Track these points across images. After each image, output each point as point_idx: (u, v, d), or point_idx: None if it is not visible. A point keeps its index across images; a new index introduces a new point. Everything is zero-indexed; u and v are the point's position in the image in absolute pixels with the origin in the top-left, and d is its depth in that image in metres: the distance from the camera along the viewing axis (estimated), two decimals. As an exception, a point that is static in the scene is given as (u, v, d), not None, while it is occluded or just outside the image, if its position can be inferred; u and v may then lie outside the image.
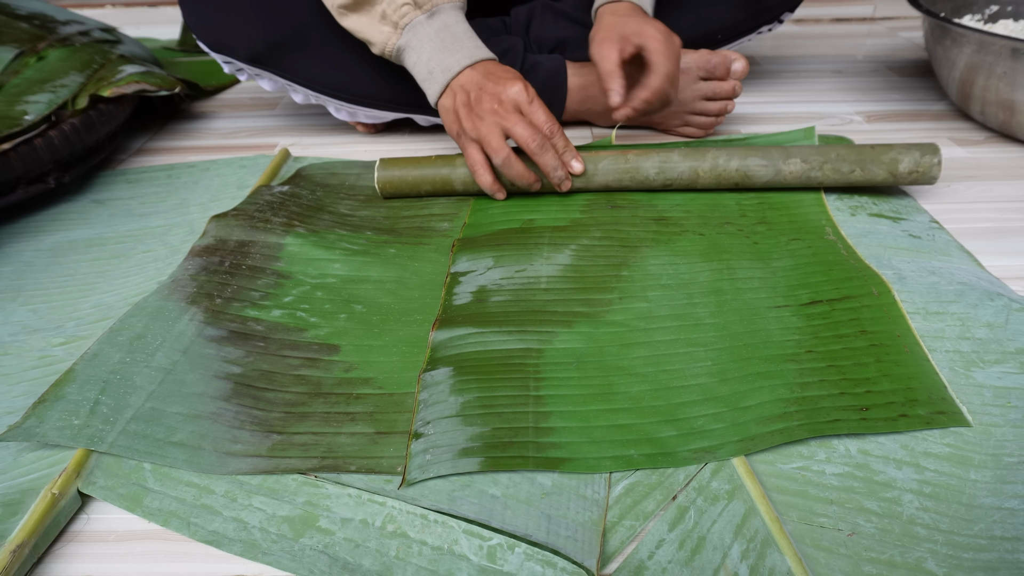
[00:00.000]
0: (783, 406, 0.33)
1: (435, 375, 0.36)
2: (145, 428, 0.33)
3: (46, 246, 0.50)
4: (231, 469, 0.32)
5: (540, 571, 0.27)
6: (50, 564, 0.29)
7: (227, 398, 0.35)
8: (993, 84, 0.59)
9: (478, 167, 0.49)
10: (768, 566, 0.28)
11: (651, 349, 0.37)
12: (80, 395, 0.34)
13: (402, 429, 0.34)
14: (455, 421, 0.33)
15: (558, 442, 0.32)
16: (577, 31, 0.64)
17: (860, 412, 0.33)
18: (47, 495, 0.30)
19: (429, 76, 0.50)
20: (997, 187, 0.55)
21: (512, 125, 0.47)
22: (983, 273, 0.44)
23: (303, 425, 0.34)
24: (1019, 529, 0.29)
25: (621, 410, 0.34)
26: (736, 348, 0.37)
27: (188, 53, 0.92)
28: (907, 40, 0.93)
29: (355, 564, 0.28)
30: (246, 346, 0.38)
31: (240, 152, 0.65)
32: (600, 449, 0.32)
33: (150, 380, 0.35)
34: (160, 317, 0.39)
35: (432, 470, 0.31)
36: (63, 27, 0.68)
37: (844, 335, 0.38)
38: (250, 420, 0.34)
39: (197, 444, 0.32)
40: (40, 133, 0.53)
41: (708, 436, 0.32)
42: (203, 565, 0.29)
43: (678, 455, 0.32)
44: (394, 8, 0.49)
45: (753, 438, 0.32)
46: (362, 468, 0.32)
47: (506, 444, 0.32)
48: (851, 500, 0.30)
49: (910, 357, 0.36)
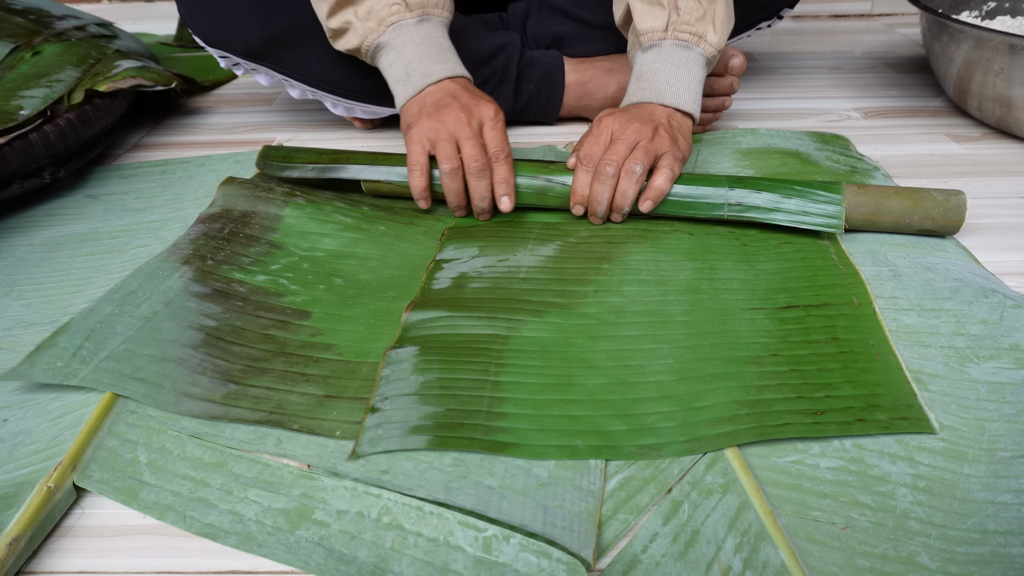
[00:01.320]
0: (735, 408, 0.33)
1: (401, 353, 0.36)
2: (115, 365, 0.35)
3: (40, 241, 0.50)
4: (184, 410, 0.34)
5: (536, 562, 0.27)
6: (44, 559, 0.29)
7: (196, 346, 0.37)
8: (990, 80, 0.59)
9: (416, 168, 0.46)
10: (762, 559, 0.28)
11: (616, 343, 0.37)
12: (68, 342, 0.36)
13: (350, 395, 0.35)
14: (412, 399, 0.34)
15: (507, 427, 0.32)
16: (574, 27, 0.64)
17: (814, 416, 0.33)
18: (42, 488, 0.30)
19: (406, 77, 0.48)
20: (993, 183, 0.55)
21: (464, 139, 0.45)
22: (978, 269, 0.44)
23: (260, 380, 0.36)
24: (1012, 523, 0.29)
25: (575, 401, 0.34)
26: (701, 347, 0.37)
27: (185, 48, 0.92)
28: (905, 36, 0.93)
29: (351, 556, 0.28)
30: (225, 303, 0.41)
31: (236, 148, 0.65)
32: (547, 437, 0.32)
33: (129, 327, 0.38)
34: (154, 276, 0.42)
35: (382, 444, 0.32)
36: (59, 22, 0.67)
37: (814, 341, 0.37)
38: (212, 368, 0.36)
39: (158, 383, 0.35)
40: (35, 128, 0.53)
41: (656, 433, 0.32)
42: (198, 559, 0.29)
43: (623, 449, 0.32)
44: (384, 5, 0.48)
45: (700, 439, 0.32)
46: (304, 428, 0.33)
47: (456, 425, 0.32)
48: (845, 494, 0.30)
49: (880, 365, 0.35)
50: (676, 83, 0.48)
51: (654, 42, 0.49)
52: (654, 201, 0.46)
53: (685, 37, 0.48)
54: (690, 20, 0.48)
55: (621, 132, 0.46)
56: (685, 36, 0.48)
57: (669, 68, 0.48)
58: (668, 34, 0.48)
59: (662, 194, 0.45)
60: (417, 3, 0.49)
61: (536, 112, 0.65)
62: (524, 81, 0.62)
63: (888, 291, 0.42)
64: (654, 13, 0.49)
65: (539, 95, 0.63)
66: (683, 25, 0.48)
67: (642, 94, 0.48)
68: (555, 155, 0.59)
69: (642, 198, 0.46)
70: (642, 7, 0.49)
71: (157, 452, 0.32)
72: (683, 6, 0.48)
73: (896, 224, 0.46)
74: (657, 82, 0.48)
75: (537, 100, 0.64)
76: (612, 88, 0.63)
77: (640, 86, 0.49)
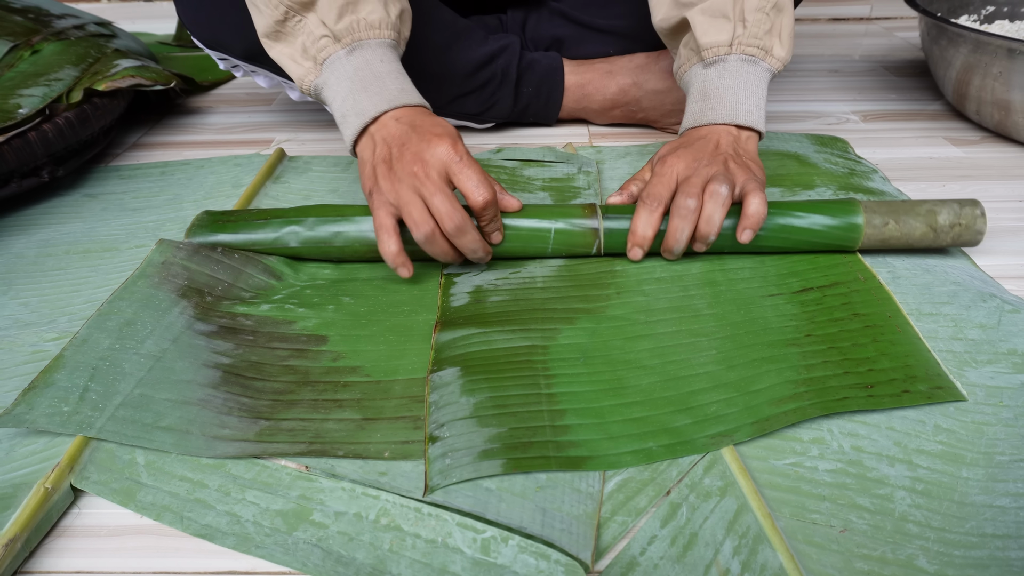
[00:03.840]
0: (792, 387, 0.34)
1: (443, 376, 0.36)
2: (134, 414, 0.33)
3: (38, 240, 0.50)
4: (219, 452, 0.32)
5: (534, 564, 0.27)
6: (41, 559, 0.29)
7: (216, 386, 0.35)
8: (989, 84, 0.59)
9: (384, 233, 0.39)
10: (760, 562, 0.28)
11: (655, 341, 0.38)
12: (69, 382, 0.34)
13: (389, 415, 0.34)
14: (470, 423, 0.33)
15: (576, 440, 0.32)
16: (573, 29, 0.64)
17: (866, 390, 0.34)
18: (40, 489, 0.30)
19: (343, 120, 0.42)
20: (992, 187, 0.55)
21: (430, 196, 0.38)
22: (977, 272, 0.44)
23: (291, 412, 0.34)
24: (1010, 527, 0.29)
25: (634, 403, 0.34)
26: (737, 336, 0.38)
27: (184, 48, 0.92)
28: (904, 40, 0.94)
29: (349, 557, 0.28)
30: (235, 339, 0.38)
31: (236, 147, 0.65)
32: (619, 444, 0.32)
33: (139, 367, 0.35)
34: (150, 306, 0.39)
35: (454, 475, 0.30)
36: (58, 21, 0.67)
37: (839, 319, 0.39)
38: (238, 407, 0.34)
39: (185, 429, 0.33)
40: (34, 126, 0.53)
41: (723, 421, 0.33)
42: (195, 560, 0.28)
43: (696, 442, 0.32)
44: (312, 40, 0.42)
45: (768, 419, 0.33)
46: (350, 453, 0.32)
47: (526, 444, 0.32)
48: (843, 496, 0.30)
49: (903, 336, 0.37)
50: (747, 100, 0.44)
51: (719, 57, 0.45)
52: (753, 229, 0.40)
53: (752, 52, 0.45)
54: (757, 33, 0.44)
55: (690, 170, 0.41)
56: (752, 51, 0.45)
57: (737, 85, 0.44)
58: (733, 49, 0.45)
59: (761, 218, 0.40)
60: (344, 30, 0.42)
61: (536, 114, 0.65)
62: (524, 83, 0.62)
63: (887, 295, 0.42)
64: (718, 26, 0.45)
65: (539, 97, 0.63)
66: (750, 39, 0.44)
67: (712, 114, 0.45)
68: (554, 155, 0.59)
69: (740, 227, 0.41)
70: (704, 20, 0.45)
71: (155, 453, 0.32)
72: (750, 19, 0.44)
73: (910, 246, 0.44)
74: (726, 100, 0.44)
75: (537, 102, 0.64)
76: (611, 90, 0.63)
77: (708, 104, 0.45)
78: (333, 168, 0.59)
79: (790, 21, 0.46)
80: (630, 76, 0.62)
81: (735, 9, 0.45)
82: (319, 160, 0.60)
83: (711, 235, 0.41)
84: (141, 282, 0.40)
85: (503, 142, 0.64)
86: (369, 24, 0.43)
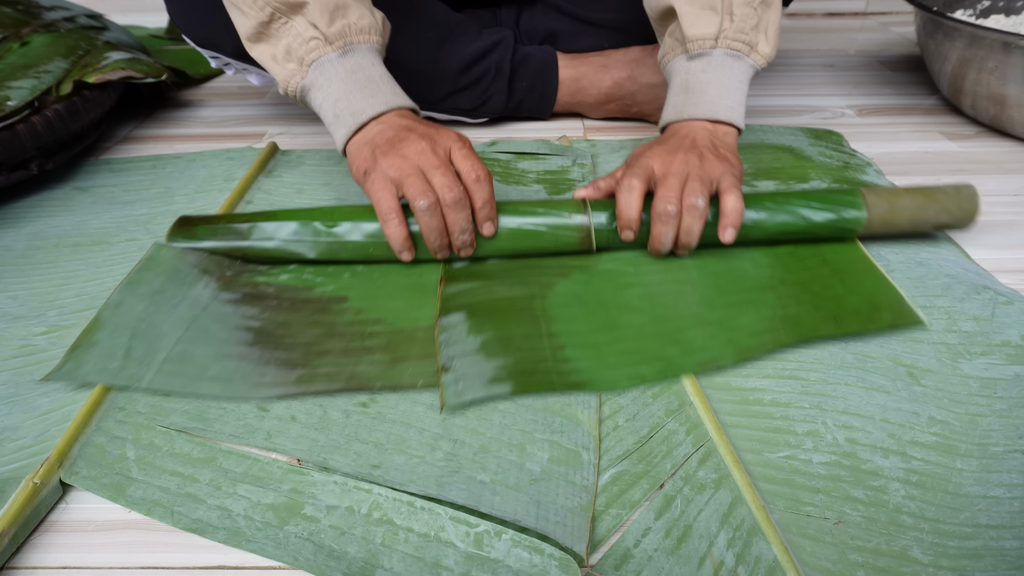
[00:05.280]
0: (769, 323, 0.38)
1: (450, 319, 0.38)
2: (178, 367, 0.35)
3: (26, 233, 0.50)
4: (263, 395, 0.34)
5: (528, 557, 0.27)
6: (27, 554, 0.28)
7: (250, 344, 0.37)
8: (984, 78, 0.59)
9: (392, 215, 0.39)
10: (754, 554, 0.28)
11: (644, 288, 0.41)
12: (112, 340, 0.36)
13: (417, 355, 0.36)
14: (478, 356, 0.36)
15: (576, 368, 0.35)
16: (568, 23, 0.64)
17: (835, 320, 0.38)
18: (28, 484, 0.29)
19: (336, 120, 0.42)
20: (987, 181, 0.55)
21: (432, 169, 0.39)
22: (971, 265, 0.44)
23: (324, 359, 0.36)
24: (1004, 517, 0.29)
25: (627, 338, 0.37)
26: (718, 284, 0.41)
27: (176, 41, 0.91)
28: (899, 35, 0.94)
29: (340, 551, 0.28)
30: (260, 304, 0.40)
31: (228, 141, 0.64)
32: (615, 370, 0.35)
33: (176, 328, 0.38)
34: (176, 278, 0.41)
35: (467, 395, 0.33)
36: (48, 13, 0.66)
37: (810, 266, 0.42)
38: (274, 360, 0.36)
39: (228, 378, 0.35)
40: (23, 119, 0.52)
41: (708, 350, 0.36)
42: (184, 555, 0.28)
43: (684, 366, 0.36)
44: (300, 42, 0.42)
45: (748, 348, 0.36)
46: (386, 386, 0.35)
47: (531, 371, 0.35)
48: (838, 489, 0.30)
49: (868, 276, 0.41)
50: (729, 96, 0.44)
51: (704, 51, 0.45)
52: (735, 227, 0.40)
53: (737, 46, 0.44)
54: (744, 28, 0.44)
55: (666, 166, 0.41)
56: (738, 45, 0.44)
57: (720, 80, 0.44)
58: (719, 43, 0.44)
59: (740, 215, 0.40)
60: (336, 33, 0.42)
61: (530, 108, 0.65)
62: (518, 77, 0.62)
63: (881, 287, 0.42)
64: (705, 18, 0.44)
65: (533, 91, 0.63)
66: (736, 33, 0.44)
67: (693, 109, 0.44)
68: (549, 148, 0.59)
69: (721, 227, 0.41)
70: (691, 11, 0.45)
71: (145, 448, 0.32)
72: (738, 12, 0.44)
73: (913, 222, 0.44)
74: (708, 95, 0.44)
75: (531, 96, 0.63)
76: (606, 84, 0.63)
77: (690, 99, 0.45)
78: (326, 162, 0.58)
79: (777, 17, 0.45)
80: (625, 70, 0.62)
81: (724, 2, 0.44)
82: (312, 154, 0.60)
83: (692, 244, 0.41)
84: (164, 251, 0.43)
85: (497, 135, 0.64)
86: (360, 29, 0.43)
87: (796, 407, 0.34)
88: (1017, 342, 0.37)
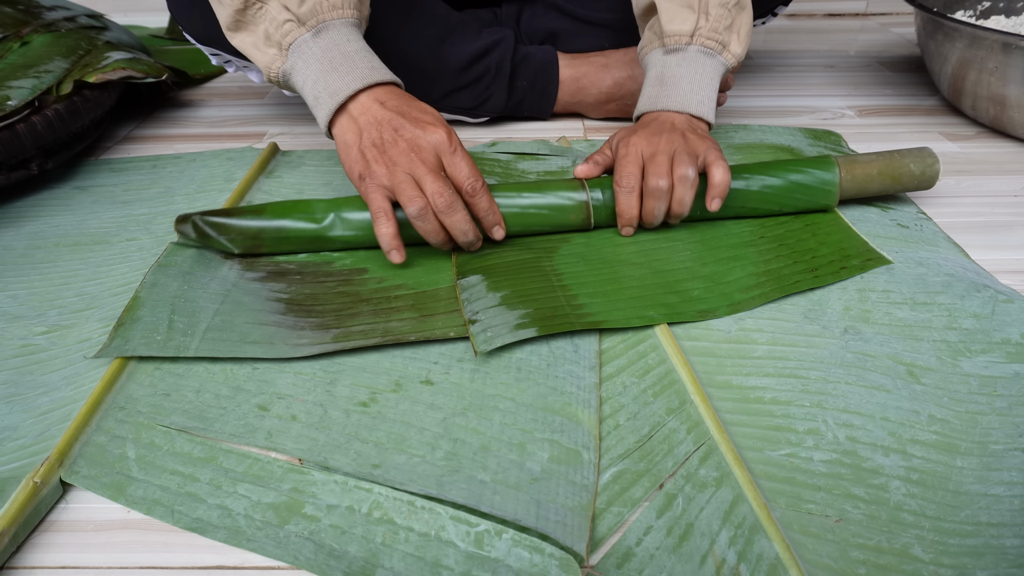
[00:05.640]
0: (755, 278, 0.42)
1: (469, 280, 0.41)
2: (220, 335, 0.37)
3: (27, 233, 0.50)
4: (304, 353, 0.36)
5: (528, 557, 0.27)
6: (27, 554, 0.28)
7: (283, 313, 0.39)
8: (985, 79, 0.59)
9: (383, 215, 0.40)
10: (756, 552, 0.27)
11: (640, 246, 0.45)
12: (153, 316, 0.38)
13: (444, 311, 0.39)
14: (500, 309, 0.39)
15: (590, 312, 0.39)
16: (568, 23, 0.64)
17: (812, 272, 0.42)
18: (28, 484, 0.29)
19: (315, 102, 0.42)
20: (987, 182, 0.55)
21: (422, 176, 0.39)
22: (970, 264, 0.44)
23: (356, 320, 0.39)
24: (1004, 515, 0.29)
25: (631, 287, 0.41)
26: (706, 240, 0.46)
27: (176, 41, 0.91)
28: (899, 36, 0.94)
29: (341, 551, 0.28)
30: (286, 280, 0.43)
31: (229, 141, 0.64)
32: (625, 313, 0.39)
33: (212, 301, 0.40)
34: (202, 262, 0.44)
35: (497, 340, 0.36)
36: (48, 12, 0.66)
37: (784, 222, 0.47)
38: (308, 325, 0.38)
39: (269, 341, 0.37)
40: (23, 118, 0.52)
41: (704, 302, 0.40)
42: (184, 555, 0.28)
43: (687, 313, 0.39)
44: (276, 26, 0.42)
45: (740, 302, 0.40)
46: (420, 338, 0.37)
47: (550, 316, 0.38)
48: (839, 487, 0.30)
49: (836, 227, 0.46)
50: (701, 91, 0.47)
51: (680, 46, 0.47)
52: (721, 197, 0.43)
53: (711, 45, 0.47)
54: (718, 28, 0.46)
55: (653, 146, 0.44)
56: (711, 44, 0.47)
57: (693, 75, 0.47)
58: (694, 40, 0.47)
59: (727, 187, 0.43)
60: (308, 12, 0.42)
61: (530, 108, 0.65)
62: (518, 77, 0.62)
63: (881, 284, 0.42)
64: (683, 16, 0.47)
65: (533, 91, 0.63)
66: (710, 32, 0.47)
67: (667, 101, 0.47)
68: (549, 149, 0.59)
69: (709, 197, 0.43)
70: (671, 7, 0.47)
71: (146, 447, 0.32)
72: (713, 13, 0.46)
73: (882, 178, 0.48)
74: (682, 88, 0.46)
75: (532, 96, 0.63)
76: (606, 83, 0.63)
77: (664, 91, 0.47)
78: (327, 162, 0.58)
79: (749, 20, 0.48)
80: (625, 69, 0.62)
81: (701, 1, 0.47)
82: (312, 154, 0.60)
83: (684, 213, 0.44)
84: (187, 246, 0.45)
85: (497, 136, 0.64)
86: (332, 5, 0.42)
87: (797, 405, 0.34)
88: (1017, 340, 0.37)
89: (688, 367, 0.36)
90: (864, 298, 0.41)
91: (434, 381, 0.35)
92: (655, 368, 0.36)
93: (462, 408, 0.34)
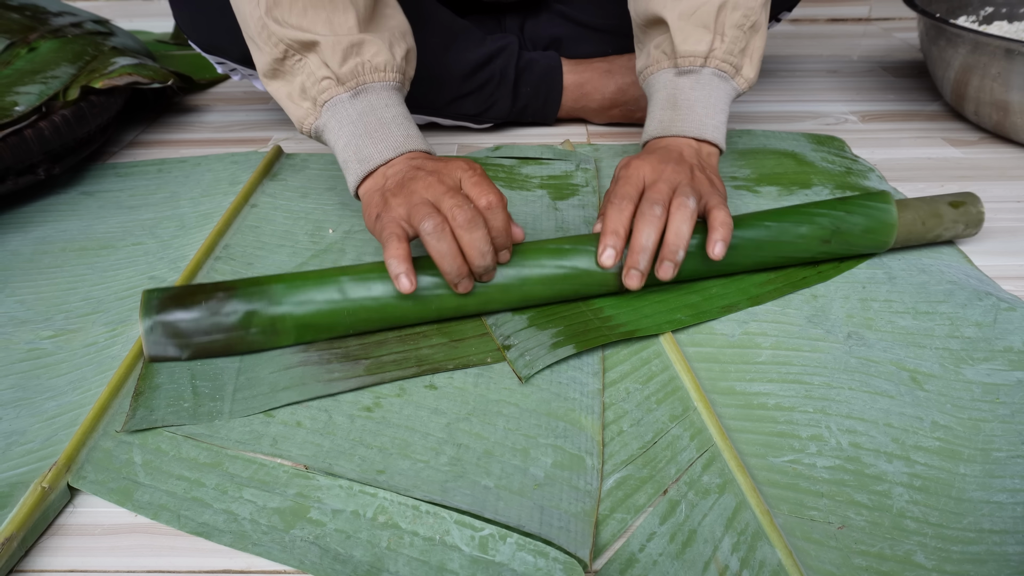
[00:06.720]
0: (767, 275, 0.43)
1: None
2: (251, 392, 0.35)
3: (34, 237, 0.50)
4: (339, 389, 0.35)
5: (532, 561, 0.27)
6: (34, 557, 0.29)
7: (306, 350, 0.38)
8: (987, 85, 0.59)
9: (393, 239, 0.35)
10: (759, 559, 0.28)
11: None
12: (173, 383, 0.36)
13: (473, 335, 0.39)
14: (531, 330, 0.38)
15: (620, 323, 0.39)
16: (571, 29, 0.64)
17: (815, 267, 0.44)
18: (36, 489, 0.29)
19: (345, 165, 0.41)
20: (990, 187, 0.55)
21: (439, 195, 0.36)
22: (973, 271, 0.44)
23: (384, 349, 0.38)
24: (1007, 522, 0.29)
25: (652, 293, 0.42)
26: None
27: (182, 46, 0.91)
28: (902, 41, 0.94)
29: (346, 555, 0.28)
30: None
31: (233, 146, 0.64)
32: (654, 319, 0.39)
33: (230, 360, 0.37)
34: None
35: (539, 364, 0.36)
36: (55, 18, 0.67)
37: None
38: (335, 357, 0.37)
39: (301, 383, 0.36)
40: (30, 124, 0.52)
41: (725, 297, 0.41)
42: (190, 559, 0.28)
43: (712, 311, 0.40)
44: (313, 81, 0.41)
45: (758, 296, 0.41)
46: (458, 365, 0.36)
47: (583, 332, 0.38)
48: (841, 493, 0.30)
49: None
50: (715, 116, 0.44)
51: (693, 68, 0.45)
52: (725, 241, 0.37)
53: (725, 68, 0.44)
54: (733, 51, 0.44)
55: (657, 173, 0.40)
56: (725, 67, 0.44)
57: (708, 98, 0.44)
58: (708, 61, 0.44)
59: (730, 229, 0.38)
60: (349, 73, 0.40)
61: (534, 113, 0.65)
62: (522, 83, 0.62)
63: (883, 294, 0.42)
64: (697, 36, 0.44)
65: (537, 97, 0.63)
66: (725, 55, 0.44)
67: (681, 126, 0.44)
68: (553, 153, 0.59)
69: (711, 240, 0.38)
70: (685, 26, 0.44)
71: (152, 453, 0.32)
72: (729, 35, 0.44)
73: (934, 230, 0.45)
74: (696, 113, 0.44)
75: (535, 102, 0.64)
76: (610, 89, 0.63)
77: (678, 115, 0.44)
78: (331, 166, 0.59)
79: (762, 44, 0.46)
80: (629, 75, 0.62)
81: (717, 22, 0.44)
82: (316, 158, 0.60)
83: (680, 249, 0.37)
84: None
85: (501, 141, 0.64)
86: (374, 67, 0.41)
87: (800, 411, 0.34)
88: (1019, 348, 0.37)
89: (691, 373, 0.36)
90: (867, 307, 0.41)
91: (438, 386, 0.36)
92: (659, 375, 0.37)
93: (466, 413, 0.34)
